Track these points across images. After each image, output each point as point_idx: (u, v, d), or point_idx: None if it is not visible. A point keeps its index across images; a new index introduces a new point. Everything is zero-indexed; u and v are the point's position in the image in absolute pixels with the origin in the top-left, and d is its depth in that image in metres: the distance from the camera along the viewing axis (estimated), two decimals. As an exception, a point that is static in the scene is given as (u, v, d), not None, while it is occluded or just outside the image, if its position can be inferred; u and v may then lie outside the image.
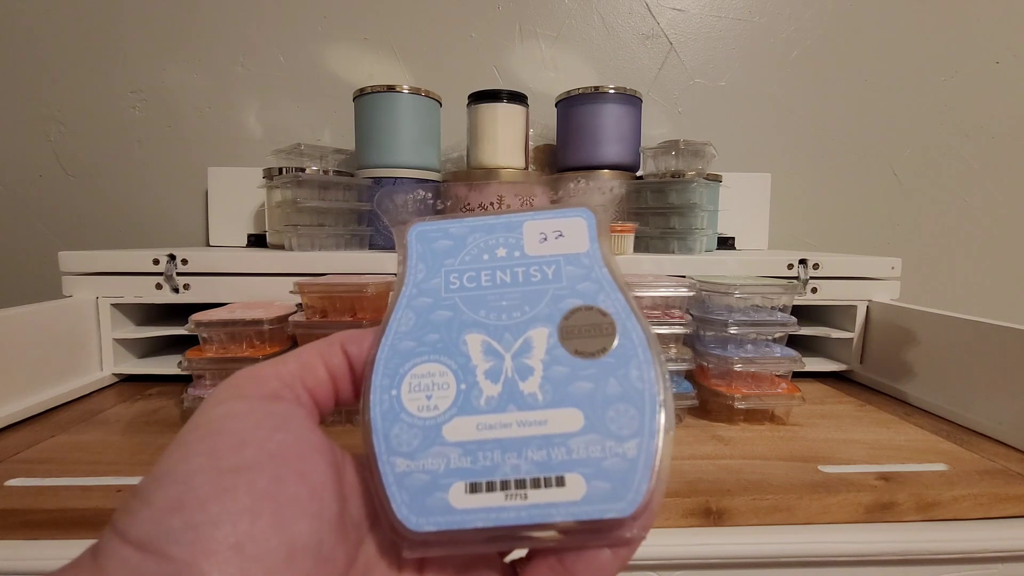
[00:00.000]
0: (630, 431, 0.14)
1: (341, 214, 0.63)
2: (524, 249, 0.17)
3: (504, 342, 0.15)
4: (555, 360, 0.15)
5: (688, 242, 0.64)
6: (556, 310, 0.15)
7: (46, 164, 0.83)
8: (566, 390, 0.14)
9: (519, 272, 0.16)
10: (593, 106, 0.70)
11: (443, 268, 0.17)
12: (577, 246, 0.16)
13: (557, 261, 0.16)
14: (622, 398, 0.14)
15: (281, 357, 0.16)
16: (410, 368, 0.15)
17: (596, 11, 0.84)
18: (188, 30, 0.81)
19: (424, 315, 0.16)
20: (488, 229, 0.17)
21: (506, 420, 0.14)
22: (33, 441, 0.41)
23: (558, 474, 0.13)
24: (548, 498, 0.13)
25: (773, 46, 0.86)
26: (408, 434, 0.14)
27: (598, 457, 0.13)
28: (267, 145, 0.83)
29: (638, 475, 0.13)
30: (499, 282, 0.16)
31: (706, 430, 0.45)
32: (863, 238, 0.90)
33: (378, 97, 0.66)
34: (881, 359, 0.57)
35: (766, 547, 0.33)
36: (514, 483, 0.13)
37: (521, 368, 0.15)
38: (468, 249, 0.17)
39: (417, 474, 0.13)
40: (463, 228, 0.17)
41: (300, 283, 0.44)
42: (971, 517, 0.34)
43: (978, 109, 0.88)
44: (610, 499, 0.13)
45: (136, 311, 0.58)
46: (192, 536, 0.11)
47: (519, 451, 0.14)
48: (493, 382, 0.14)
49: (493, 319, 0.15)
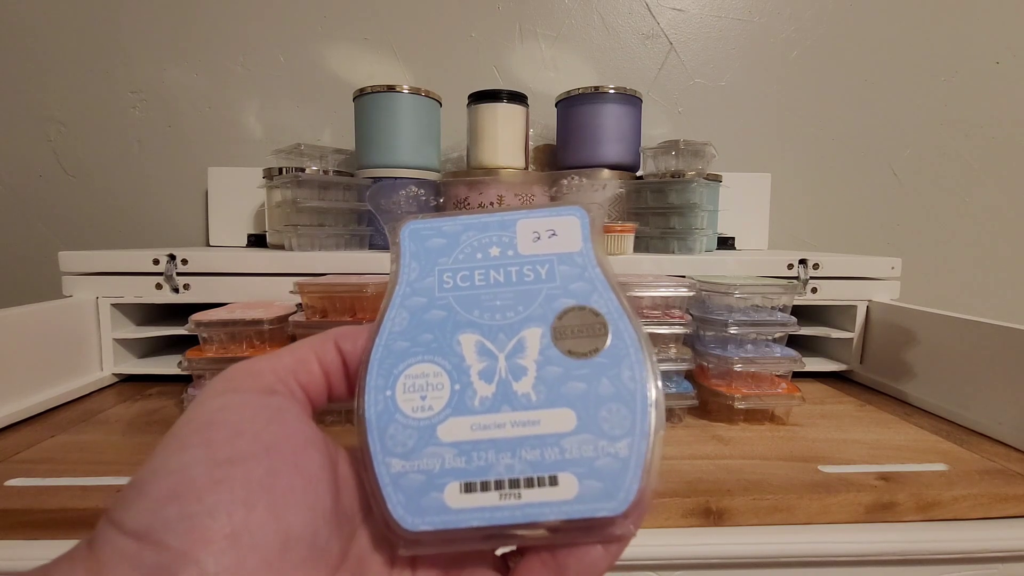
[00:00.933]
0: (622, 431, 0.14)
1: (341, 214, 0.63)
2: (517, 248, 0.17)
3: (498, 342, 0.15)
4: (548, 360, 0.15)
5: (688, 242, 0.64)
6: (549, 310, 0.15)
7: (46, 164, 0.83)
8: (559, 390, 0.14)
9: (512, 271, 0.16)
10: (593, 106, 0.70)
11: (436, 267, 0.17)
12: (570, 245, 0.16)
13: (550, 260, 0.16)
14: (614, 398, 0.14)
15: (275, 352, 0.16)
16: (404, 368, 0.15)
17: (596, 11, 0.84)
18: (188, 30, 0.81)
19: (418, 315, 0.16)
20: (481, 227, 0.17)
21: (500, 420, 0.14)
22: (33, 441, 0.41)
23: (551, 473, 0.13)
24: (542, 497, 0.13)
25: (773, 46, 0.86)
26: (403, 434, 0.14)
27: (590, 457, 0.14)
28: (267, 145, 0.83)
29: (630, 474, 0.13)
30: (492, 281, 0.16)
31: (706, 430, 0.45)
32: (863, 238, 0.90)
33: (378, 97, 0.66)
34: (881, 359, 0.57)
35: (766, 547, 0.33)
36: (508, 483, 0.13)
37: (515, 368, 0.15)
38: (461, 248, 0.17)
39: (412, 474, 0.14)
40: (456, 226, 0.17)
41: (300, 283, 0.44)
42: (971, 517, 0.34)
43: (978, 109, 0.88)
44: (602, 498, 0.13)
45: (136, 311, 0.58)
46: (188, 526, 0.11)
47: (513, 451, 0.14)
48: (487, 382, 0.15)
49: (487, 319, 0.15)
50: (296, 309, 0.47)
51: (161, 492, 0.12)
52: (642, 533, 0.33)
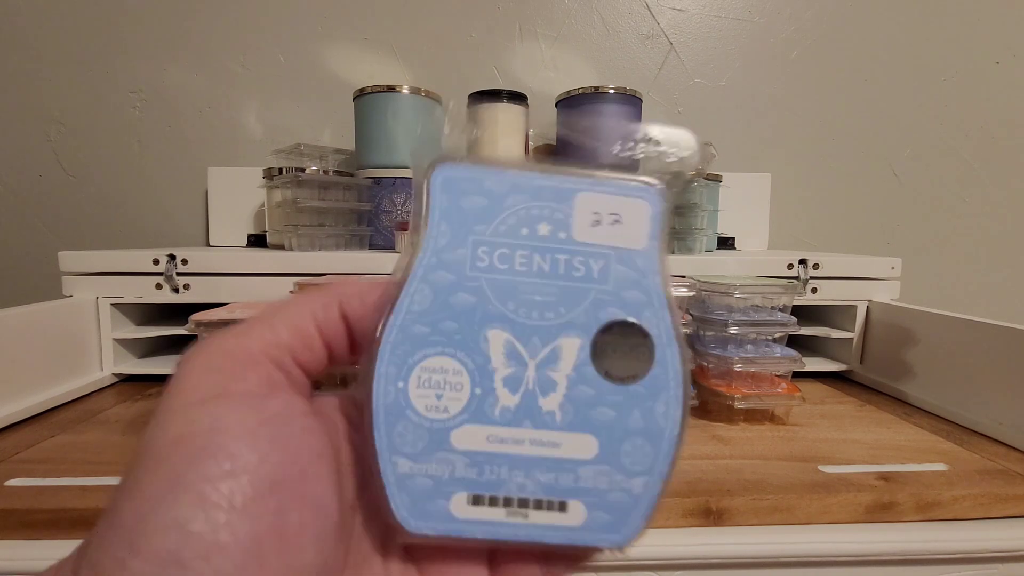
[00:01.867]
0: (641, 468, 0.13)
1: (341, 214, 0.63)
2: (572, 231, 0.14)
3: (530, 347, 0.13)
4: (582, 378, 0.13)
5: (688, 242, 0.64)
6: (594, 319, 0.14)
7: (46, 164, 0.83)
8: (587, 414, 0.13)
9: (561, 261, 0.14)
10: (593, 106, 0.70)
11: (471, 236, 0.14)
12: (634, 240, 0.14)
13: (607, 256, 0.14)
14: (642, 433, 0.13)
15: (268, 321, 0.14)
16: (421, 359, 0.13)
17: (596, 11, 0.84)
18: (188, 30, 0.81)
19: (443, 295, 0.14)
20: (534, 192, 0.14)
21: (519, 436, 0.13)
22: (33, 441, 0.41)
23: (562, 499, 0.13)
24: (548, 520, 0.13)
25: (773, 46, 0.86)
26: (413, 434, 0.13)
27: (604, 488, 0.13)
28: (267, 145, 0.83)
29: (640, 512, 0.13)
30: (536, 269, 0.14)
31: (706, 430, 0.45)
32: (863, 238, 0.90)
33: (378, 97, 0.66)
34: (881, 359, 0.57)
35: (766, 547, 0.33)
36: (517, 501, 0.13)
37: (544, 381, 0.13)
38: (505, 216, 0.14)
39: (420, 478, 0.13)
40: (503, 184, 0.14)
41: (300, 283, 0.44)
42: (971, 517, 0.34)
43: (978, 109, 0.88)
44: (608, 530, 0.13)
45: (136, 311, 0.58)
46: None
47: (527, 471, 0.13)
48: (511, 392, 0.13)
49: (522, 316, 0.14)
50: (296, 309, 0.47)
51: (160, 554, 0.10)
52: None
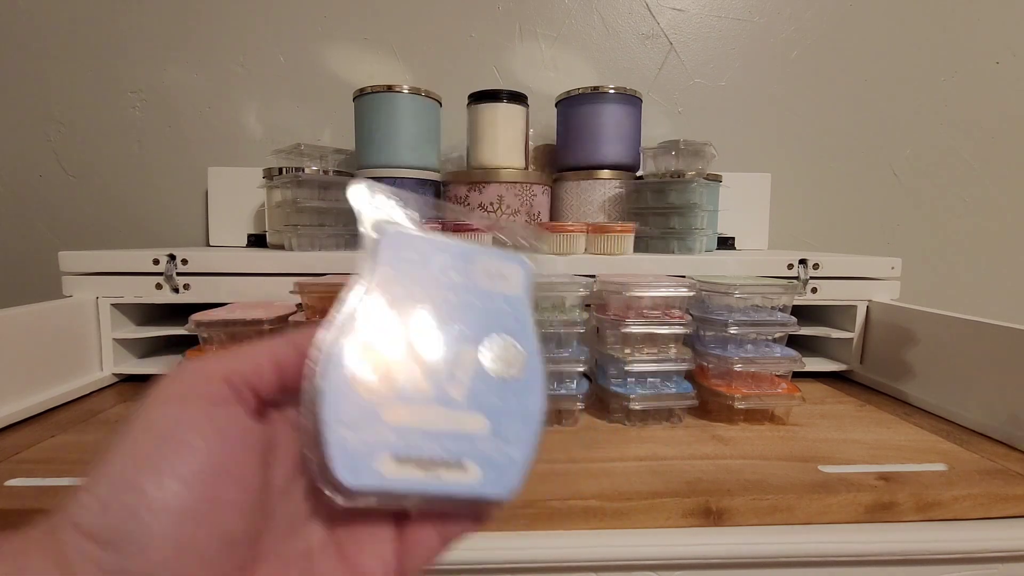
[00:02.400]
0: (517, 440, 0.19)
1: (341, 214, 0.63)
2: (475, 279, 0.21)
3: (445, 352, 0.19)
4: (478, 376, 0.19)
5: (688, 242, 0.64)
6: (487, 336, 0.20)
7: (46, 164, 0.83)
8: (481, 400, 0.19)
9: (467, 299, 0.20)
10: (593, 106, 0.70)
11: (408, 275, 0.20)
12: (513, 288, 0.21)
13: (496, 297, 0.21)
14: (518, 414, 0.19)
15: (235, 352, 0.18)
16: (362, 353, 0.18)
17: (596, 11, 0.84)
18: (188, 30, 0.81)
19: (381, 311, 0.19)
20: (452, 254, 0.20)
21: (434, 414, 0.18)
22: (33, 441, 0.41)
23: (463, 461, 0.18)
24: (454, 477, 0.18)
25: (773, 46, 0.86)
26: (353, 409, 0.17)
27: (492, 454, 0.19)
28: (267, 145, 0.83)
29: (516, 470, 0.19)
30: (450, 300, 0.20)
31: (706, 430, 0.45)
32: (863, 238, 0.90)
33: (378, 97, 0.66)
34: (881, 359, 0.57)
35: (766, 547, 0.33)
36: (430, 462, 0.18)
37: (452, 376, 0.19)
38: (430, 266, 0.20)
39: (356, 443, 0.17)
40: (431, 247, 0.20)
41: (300, 283, 0.44)
42: (971, 517, 0.34)
43: (978, 109, 0.88)
44: (495, 484, 0.18)
45: (136, 311, 0.58)
46: (146, 539, 0.14)
47: (439, 440, 0.18)
48: (429, 381, 0.18)
49: (440, 330, 0.19)
50: (296, 309, 0.47)
51: (122, 509, 0.14)
52: (642, 533, 0.33)
